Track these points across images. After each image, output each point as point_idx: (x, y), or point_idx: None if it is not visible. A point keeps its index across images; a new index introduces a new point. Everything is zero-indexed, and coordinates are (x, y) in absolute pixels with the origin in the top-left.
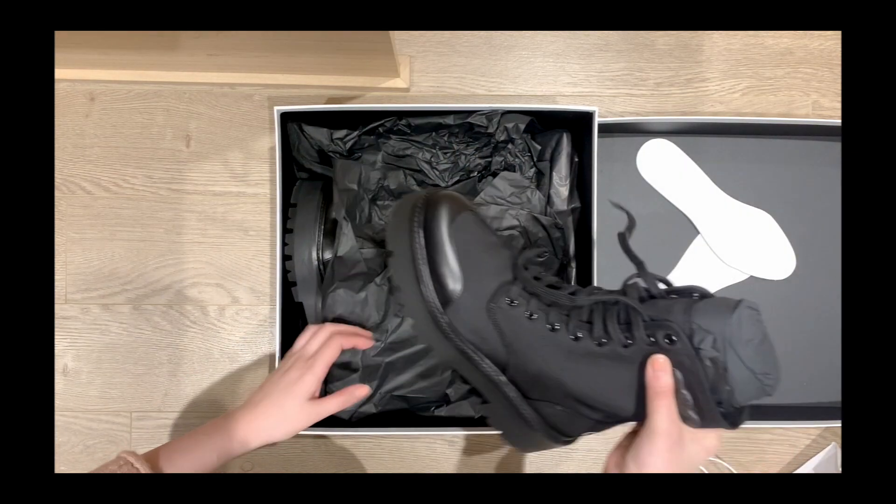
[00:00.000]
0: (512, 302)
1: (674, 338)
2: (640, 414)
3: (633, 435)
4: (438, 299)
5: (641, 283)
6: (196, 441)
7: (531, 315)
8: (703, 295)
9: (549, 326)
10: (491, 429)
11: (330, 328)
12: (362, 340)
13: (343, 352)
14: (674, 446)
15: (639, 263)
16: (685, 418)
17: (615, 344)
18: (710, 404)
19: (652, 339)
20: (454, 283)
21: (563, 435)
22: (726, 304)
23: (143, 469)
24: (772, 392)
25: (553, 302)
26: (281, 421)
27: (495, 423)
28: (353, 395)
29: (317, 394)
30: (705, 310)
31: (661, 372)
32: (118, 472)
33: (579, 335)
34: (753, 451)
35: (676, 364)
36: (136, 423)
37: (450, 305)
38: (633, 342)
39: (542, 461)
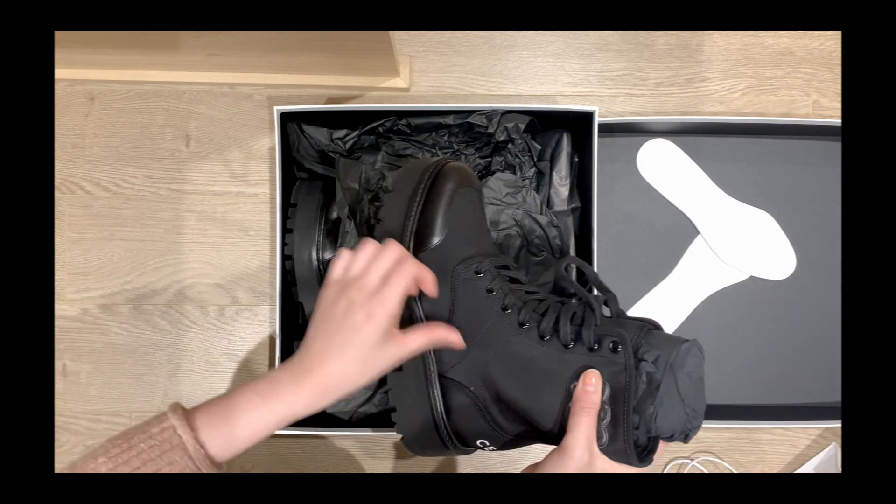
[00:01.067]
0: (478, 273)
1: (619, 347)
2: (547, 425)
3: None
4: (415, 241)
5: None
6: (253, 406)
7: (491, 291)
8: (656, 326)
9: (502, 307)
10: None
11: (397, 249)
12: (430, 284)
13: None
14: (584, 469)
15: (612, 297)
16: (596, 436)
17: (556, 343)
18: (628, 422)
19: (596, 345)
20: (436, 234)
21: (457, 435)
22: (679, 338)
23: (191, 444)
24: (691, 435)
25: (519, 288)
26: (357, 372)
27: (396, 396)
28: (446, 337)
29: (395, 328)
30: (658, 335)
31: (590, 387)
32: (161, 438)
33: (526, 325)
34: (753, 451)
35: (609, 377)
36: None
37: (421, 252)
38: (573, 346)
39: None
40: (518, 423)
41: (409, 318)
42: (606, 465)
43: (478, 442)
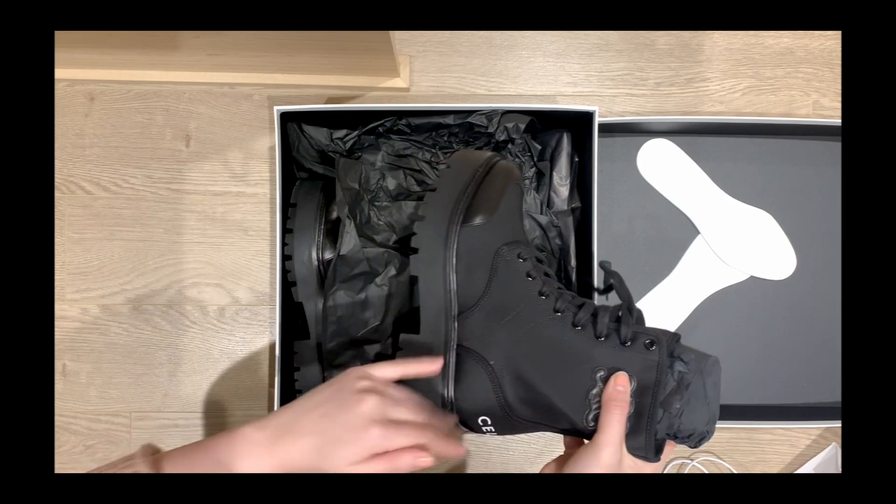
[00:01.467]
0: (521, 258)
1: (654, 345)
2: (562, 409)
3: (563, 459)
4: (465, 215)
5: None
6: (222, 467)
7: (530, 276)
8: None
9: (540, 292)
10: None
11: (419, 412)
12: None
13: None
14: (615, 466)
15: (640, 313)
16: None
17: (589, 333)
18: (653, 414)
19: (629, 341)
20: (486, 214)
21: (459, 405)
22: (705, 353)
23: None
24: (705, 439)
25: (554, 282)
26: (331, 467)
27: (408, 355)
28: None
29: None
30: (686, 346)
31: (621, 387)
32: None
33: (562, 312)
34: (753, 451)
35: (638, 372)
36: (135, 424)
37: (467, 225)
38: (606, 339)
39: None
40: (528, 407)
41: (442, 293)
42: (632, 465)
43: (479, 419)
